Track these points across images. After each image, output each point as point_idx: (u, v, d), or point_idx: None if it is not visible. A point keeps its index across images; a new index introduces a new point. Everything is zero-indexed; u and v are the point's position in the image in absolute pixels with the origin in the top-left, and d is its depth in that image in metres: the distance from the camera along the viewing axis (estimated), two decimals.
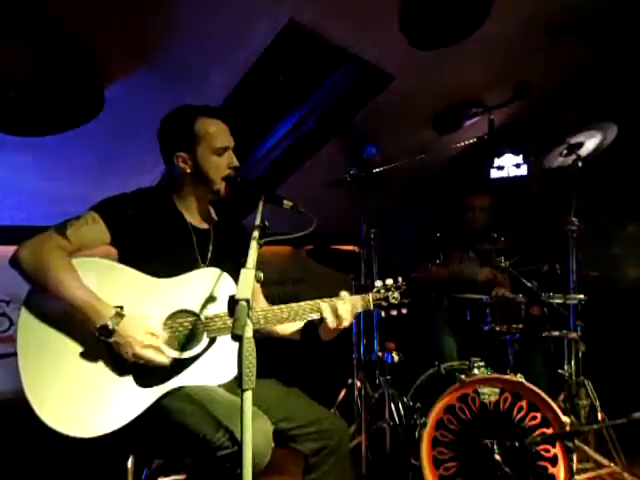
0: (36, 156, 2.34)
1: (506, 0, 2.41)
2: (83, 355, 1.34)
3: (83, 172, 2.56)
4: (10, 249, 1.42)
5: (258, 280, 1.13)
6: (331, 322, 1.46)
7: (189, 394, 1.37)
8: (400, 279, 1.61)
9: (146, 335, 1.33)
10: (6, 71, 1.87)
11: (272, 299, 1.74)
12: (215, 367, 1.42)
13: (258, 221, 1.28)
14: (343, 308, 1.47)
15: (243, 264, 1.12)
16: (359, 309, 1.55)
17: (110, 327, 1.29)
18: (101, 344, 1.33)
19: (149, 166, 2.66)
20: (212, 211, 1.73)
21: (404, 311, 1.59)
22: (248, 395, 1.02)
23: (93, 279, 1.37)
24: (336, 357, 3.02)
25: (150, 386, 1.36)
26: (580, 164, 2.51)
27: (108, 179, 2.55)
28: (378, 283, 1.61)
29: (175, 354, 1.38)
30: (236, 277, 1.10)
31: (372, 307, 1.57)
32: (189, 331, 1.41)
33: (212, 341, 1.42)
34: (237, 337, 1.01)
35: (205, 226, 1.66)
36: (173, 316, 1.42)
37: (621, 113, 3.11)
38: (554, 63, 3.20)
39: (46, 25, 1.81)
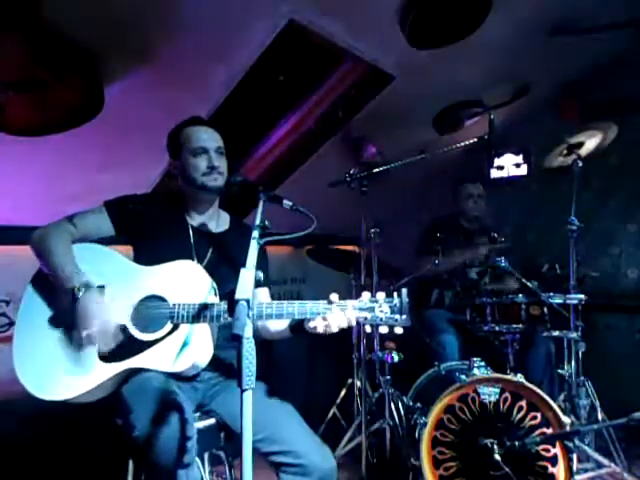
0: (35, 156, 2.34)
1: (506, 0, 2.41)
2: (55, 323, 1.45)
3: (83, 172, 2.55)
4: (10, 249, 1.43)
5: (258, 280, 1.13)
6: (321, 328, 1.37)
7: (136, 384, 1.38)
8: (396, 294, 1.40)
9: (101, 317, 1.39)
10: (5, 71, 1.87)
11: (272, 299, 1.75)
12: (172, 354, 1.43)
13: (258, 221, 1.29)
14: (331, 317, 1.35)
15: (244, 264, 1.12)
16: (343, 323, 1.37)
17: (75, 291, 1.38)
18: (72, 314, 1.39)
19: (148, 166, 2.66)
20: (224, 218, 1.78)
21: (399, 331, 1.41)
22: (248, 395, 1.02)
23: (82, 259, 1.50)
24: (336, 357, 3.02)
25: (110, 361, 1.40)
26: (580, 164, 2.51)
27: (108, 179, 2.55)
28: (365, 294, 1.43)
29: (137, 334, 1.42)
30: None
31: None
32: (155, 315, 1.46)
33: (175, 327, 1.45)
34: (237, 337, 1.01)
35: (209, 229, 1.70)
36: (145, 300, 1.48)
37: (621, 113, 3.12)
38: (554, 63, 3.20)
39: (45, 25, 1.81)
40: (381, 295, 1.41)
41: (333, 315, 1.35)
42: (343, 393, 2.91)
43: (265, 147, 3.31)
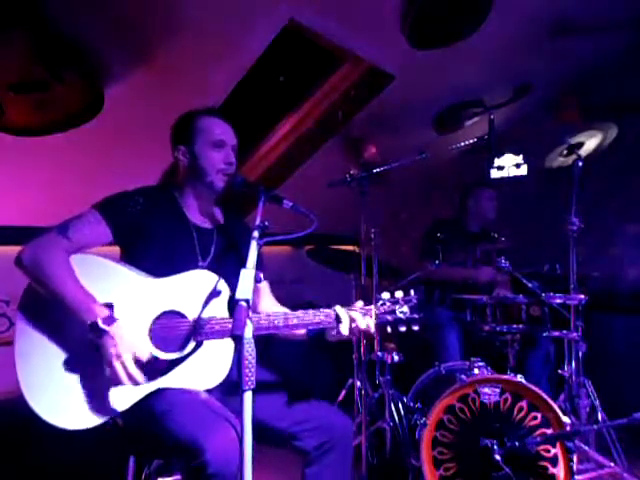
0: (36, 156, 2.34)
1: (506, 0, 2.41)
2: (73, 352, 1.36)
3: (83, 172, 2.55)
4: (10, 249, 1.42)
5: (258, 280, 1.13)
6: (344, 329, 1.43)
7: (173, 397, 1.35)
8: (412, 292, 1.49)
9: (133, 347, 1.32)
10: (6, 71, 1.87)
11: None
12: (201, 371, 1.40)
13: (258, 221, 1.29)
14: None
15: (244, 260, 1.13)
16: (362, 325, 1.45)
17: (101, 326, 1.29)
18: (91, 343, 1.33)
19: (149, 166, 2.66)
20: (218, 212, 1.74)
21: (415, 328, 1.46)
22: (248, 395, 1.02)
23: (85, 275, 1.38)
24: (336, 357, 3.02)
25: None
26: (580, 164, 2.51)
27: (108, 179, 2.54)
28: (385, 295, 1.49)
29: (161, 354, 1.37)
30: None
31: (375, 321, 1.47)
32: (177, 333, 1.40)
33: (199, 345, 1.40)
34: (237, 337, 1.01)
35: (208, 226, 1.66)
36: (162, 316, 1.41)
37: (621, 113, 3.12)
38: (554, 63, 3.20)
39: (46, 25, 1.81)
40: (399, 293, 1.48)
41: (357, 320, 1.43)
42: (343, 393, 2.91)
43: (265, 147, 3.31)
